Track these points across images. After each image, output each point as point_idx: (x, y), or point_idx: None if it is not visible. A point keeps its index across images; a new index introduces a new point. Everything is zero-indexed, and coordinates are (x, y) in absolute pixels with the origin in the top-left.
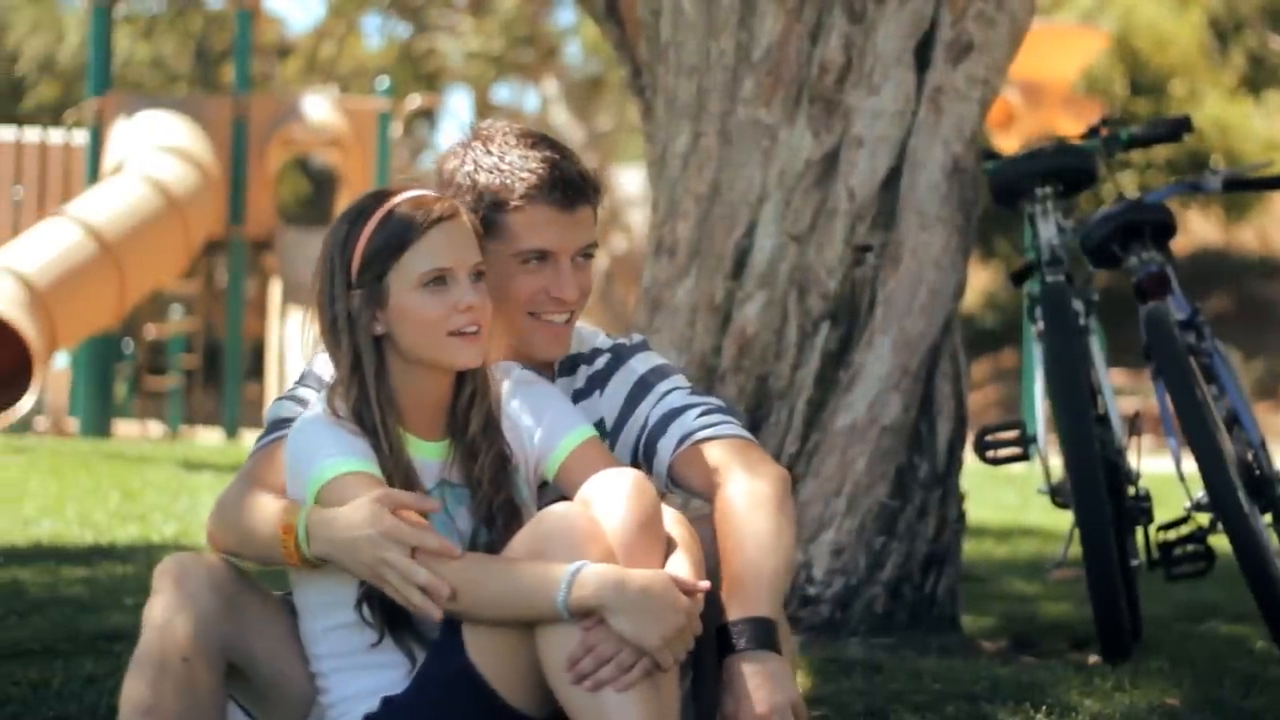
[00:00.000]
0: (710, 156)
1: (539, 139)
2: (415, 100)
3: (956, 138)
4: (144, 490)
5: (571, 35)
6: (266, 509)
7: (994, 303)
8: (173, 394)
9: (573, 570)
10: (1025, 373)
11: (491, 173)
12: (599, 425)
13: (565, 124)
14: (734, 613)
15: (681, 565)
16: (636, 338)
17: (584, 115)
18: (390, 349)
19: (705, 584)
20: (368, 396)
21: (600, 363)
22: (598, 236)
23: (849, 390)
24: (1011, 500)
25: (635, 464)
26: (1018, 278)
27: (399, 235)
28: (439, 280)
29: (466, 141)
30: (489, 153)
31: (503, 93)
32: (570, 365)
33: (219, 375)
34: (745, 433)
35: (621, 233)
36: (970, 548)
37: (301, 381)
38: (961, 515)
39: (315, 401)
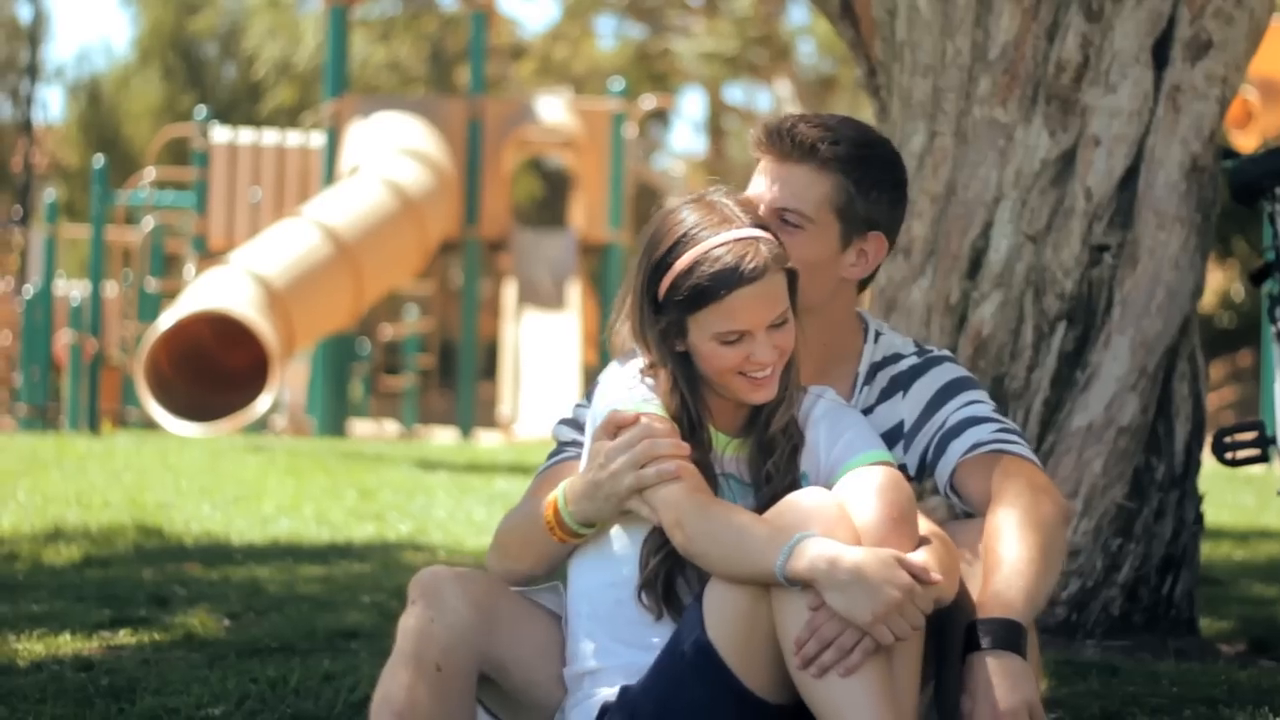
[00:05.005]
0: (946, 156)
1: (824, 114)
2: (649, 101)
3: (1195, 136)
4: (380, 489)
5: (805, 34)
6: (537, 511)
7: (1231, 303)
8: (408, 394)
9: (795, 539)
10: (1264, 373)
11: None
12: (898, 426)
13: None
14: (985, 613)
15: (922, 557)
16: (945, 350)
17: None
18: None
19: (937, 576)
20: (679, 392)
21: (905, 365)
22: (810, 208)
23: (1085, 391)
24: (1250, 502)
25: (923, 463)
26: (1256, 277)
27: (702, 293)
28: (737, 336)
29: None
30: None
31: (735, 93)
32: (871, 373)
33: (453, 375)
34: (1037, 459)
35: None
36: (1208, 550)
37: (590, 394)
38: (1199, 517)
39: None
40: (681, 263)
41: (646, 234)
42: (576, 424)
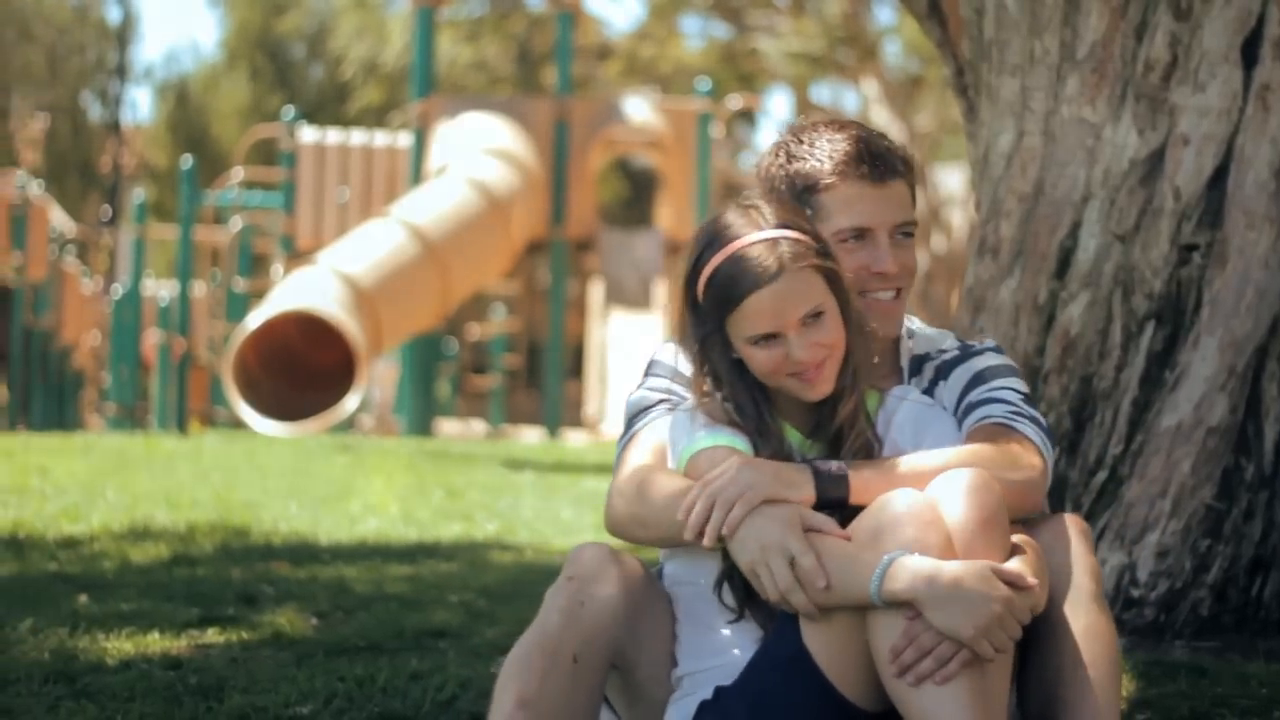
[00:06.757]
0: (1034, 155)
1: (846, 123)
2: (735, 101)
3: None
4: (467, 489)
5: (892, 34)
6: (675, 491)
7: None
8: (495, 393)
9: (887, 560)
10: None
11: (802, 159)
12: None
13: (885, 123)
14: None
15: (1017, 565)
16: (989, 341)
17: (904, 115)
18: None
19: (1033, 580)
20: (736, 397)
21: (947, 356)
22: (915, 215)
23: (1174, 391)
24: None
25: None
26: None
27: (726, 295)
28: (769, 338)
29: (780, 138)
30: (800, 142)
31: (822, 93)
32: (918, 365)
33: (540, 375)
34: (1044, 445)
35: (941, 232)
36: None
37: (650, 372)
38: None
39: (687, 398)
40: (708, 268)
41: (690, 249)
42: (655, 389)
